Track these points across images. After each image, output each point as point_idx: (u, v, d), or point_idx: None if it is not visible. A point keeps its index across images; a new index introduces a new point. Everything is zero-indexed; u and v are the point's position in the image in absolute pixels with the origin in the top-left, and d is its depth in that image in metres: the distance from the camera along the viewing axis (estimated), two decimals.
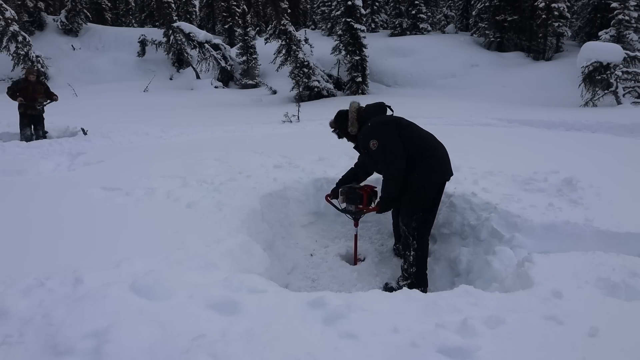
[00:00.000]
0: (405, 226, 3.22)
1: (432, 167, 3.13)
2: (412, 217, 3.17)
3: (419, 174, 3.09)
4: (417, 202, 3.16)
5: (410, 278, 3.20)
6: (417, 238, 3.18)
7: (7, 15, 18.03)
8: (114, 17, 29.96)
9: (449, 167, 3.23)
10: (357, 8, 16.48)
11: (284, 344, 1.74)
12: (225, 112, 12.88)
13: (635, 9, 15.40)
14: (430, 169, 3.12)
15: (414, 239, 3.19)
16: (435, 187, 3.20)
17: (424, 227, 3.22)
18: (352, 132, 3.36)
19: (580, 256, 2.52)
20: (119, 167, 4.81)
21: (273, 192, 4.04)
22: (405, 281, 3.21)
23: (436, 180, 3.19)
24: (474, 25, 21.87)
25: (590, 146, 5.79)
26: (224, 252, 2.73)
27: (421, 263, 3.22)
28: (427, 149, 3.15)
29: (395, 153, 3.06)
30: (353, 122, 3.33)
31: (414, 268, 3.19)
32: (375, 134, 3.14)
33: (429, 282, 3.35)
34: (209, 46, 20.13)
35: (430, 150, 3.15)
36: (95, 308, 1.92)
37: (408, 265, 3.22)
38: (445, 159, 3.21)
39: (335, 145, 4.91)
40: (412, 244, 3.19)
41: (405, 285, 3.06)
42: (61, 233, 2.95)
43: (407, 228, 3.21)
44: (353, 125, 3.33)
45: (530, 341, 1.75)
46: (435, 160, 3.15)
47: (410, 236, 3.19)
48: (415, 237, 3.18)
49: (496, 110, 10.50)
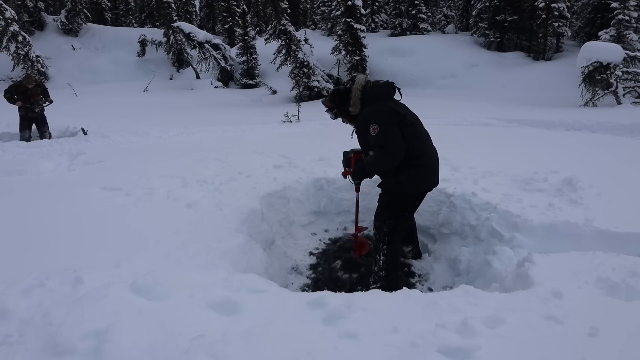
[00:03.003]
0: (377, 230, 3.14)
1: (420, 175, 3.00)
2: (385, 222, 3.09)
3: (405, 179, 2.96)
4: (393, 208, 3.09)
5: (380, 281, 3.14)
6: (388, 243, 3.09)
7: (7, 15, 18.03)
8: (114, 17, 29.96)
9: (437, 178, 3.12)
10: (357, 8, 16.48)
11: (284, 344, 1.74)
12: (225, 112, 12.87)
13: (635, 9, 15.40)
14: (418, 177, 3.00)
15: (384, 244, 3.10)
16: (415, 196, 3.13)
17: (394, 232, 3.09)
18: (353, 113, 3.03)
19: (580, 256, 2.51)
20: (119, 167, 4.81)
21: (273, 192, 4.04)
22: (375, 284, 3.14)
23: (421, 189, 3.10)
24: (474, 25, 21.86)
25: (590, 146, 5.79)
26: (224, 252, 2.73)
27: (391, 267, 3.13)
28: (420, 155, 2.98)
29: (396, 142, 2.83)
30: (356, 102, 2.99)
31: (384, 272, 3.13)
32: (378, 118, 2.85)
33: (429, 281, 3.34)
34: (209, 46, 20.12)
35: (423, 158, 2.99)
36: (95, 308, 1.92)
37: (378, 268, 3.15)
38: (435, 169, 3.09)
39: (335, 146, 4.91)
40: (382, 248, 3.11)
41: (374, 288, 2.99)
42: (61, 233, 2.96)
43: (378, 232, 3.14)
44: (355, 105, 3.00)
45: (530, 341, 1.75)
46: (425, 170, 3.02)
47: (381, 241, 3.12)
48: (386, 242, 3.09)
49: (496, 110, 10.49)
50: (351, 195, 4.21)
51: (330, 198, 4.30)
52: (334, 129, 8.62)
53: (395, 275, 3.17)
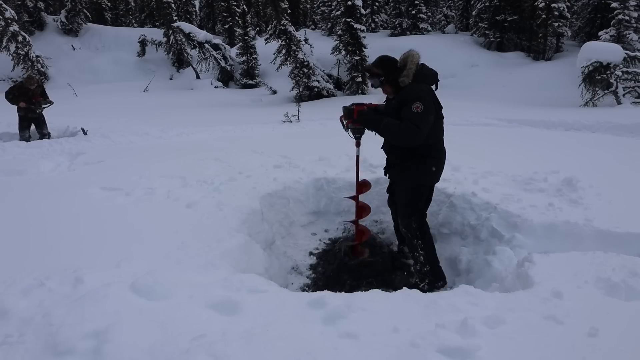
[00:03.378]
0: (406, 228, 3.20)
1: (435, 168, 3.11)
2: (411, 218, 3.16)
3: (422, 171, 3.06)
4: (414, 201, 3.15)
5: (427, 277, 3.18)
6: (421, 237, 3.17)
7: (7, 15, 18.03)
8: (114, 17, 29.95)
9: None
10: (357, 8, 16.46)
11: (284, 344, 1.74)
12: (225, 112, 12.87)
13: (635, 9, 15.39)
14: (431, 170, 3.10)
15: (417, 239, 3.17)
16: (430, 188, 3.25)
17: (424, 225, 3.22)
18: (402, 84, 2.97)
19: (580, 256, 2.52)
20: (119, 167, 4.81)
21: (273, 192, 4.04)
22: (423, 282, 3.18)
23: (434, 181, 3.21)
24: (474, 25, 21.86)
25: (590, 146, 5.79)
26: (224, 252, 2.73)
27: (433, 259, 3.21)
28: (438, 150, 3.12)
29: (426, 130, 2.86)
30: (409, 75, 2.95)
31: (428, 266, 3.17)
32: (426, 100, 2.87)
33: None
34: (209, 46, 20.12)
35: (439, 152, 3.13)
36: (95, 308, 1.92)
37: (420, 265, 3.19)
38: (443, 165, 3.21)
39: (335, 146, 4.91)
40: (418, 244, 3.17)
41: (425, 286, 3.08)
42: (61, 233, 2.96)
43: (408, 230, 3.19)
44: (408, 77, 2.95)
45: (530, 341, 1.75)
46: (438, 164, 3.13)
47: (414, 237, 3.17)
48: (419, 237, 3.16)
49: (496, 110, 10.48)
50: (351, 195, 4.20)
51: (330, 198, 4.30)
52: (334, 128, 8.62)
53: (438, 266, 3.24)
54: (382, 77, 3.07)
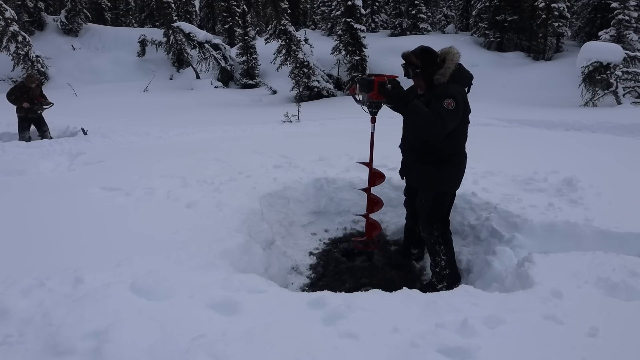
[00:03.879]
0: (428, 235, 3.15)
1: (456, 174, 3.05)
2: (433, 226, 3.11)
3: (443, 177, 2.99)
4: (436, 210, 3.10)
5: (445, 279, 3.17)
6: (444, 243, 3.13)
7: (7, 15, 18.03)
8: (114, 17, 29.95)
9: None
10: (357, 8, 16.46)
11: (284, 344, 1.74)
12: (225, 112, 12.87)
13: (635, 9, 15.38)
14: (455, 176, 3.05)
15: (440, 245, 3.13)
16: (452, 195, 3.19)
17: (447, 232, 3.17)
18: (437, 82, 2.83)
19: (580, 256, 2.52)
20: (119, 167, 4.81)
21: (273, 192, 4.04)
22: (441, 283, 3.17)
23: (455, 188, 3.14)
24: (474, 25, 21.85)
25: (590, 146, 5.79)
26: (224, 252, 2.73)
27: (453, 263, 3.20)
28: (459, 155, 3.04)
29: (450, 127, 2.75)
30: (446, 73, 2.80)
31: (447, 270, 3.16)
32: (458, 100, 2.74)
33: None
34: (209, 46, 20.12)
35: (460, 157, 3.05)
36: (95, 308, 1.92)
37: (440, 268, 3.16)
38: (464, 170, 3.13)
39: (335, 145, 4.91)
40: (440, 249, 3.13)
41: (443, 287, 3.07)
42: (61, 233, 2.95)
43: (429, 236, 3.14)
44: (445, 76, 2.80)
45: (530, 341, 1.75)
46: (459, 170, 3.07)
47: (435, 244, 3.13)
48: (441, 243, 3.13)
49: (496, 110, 10.48)
50: (351, 195, 4.21)
51: (330, 198, 4.30)
52: (334, 128, 8.63)
53: (457, 269, 3.24)
54: (419, 70, 2.86)
